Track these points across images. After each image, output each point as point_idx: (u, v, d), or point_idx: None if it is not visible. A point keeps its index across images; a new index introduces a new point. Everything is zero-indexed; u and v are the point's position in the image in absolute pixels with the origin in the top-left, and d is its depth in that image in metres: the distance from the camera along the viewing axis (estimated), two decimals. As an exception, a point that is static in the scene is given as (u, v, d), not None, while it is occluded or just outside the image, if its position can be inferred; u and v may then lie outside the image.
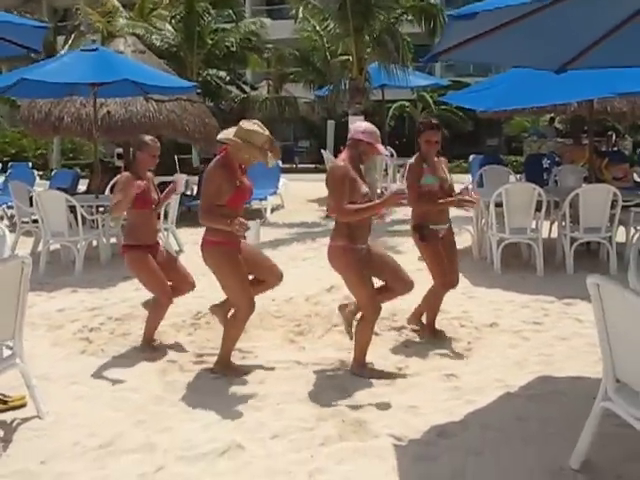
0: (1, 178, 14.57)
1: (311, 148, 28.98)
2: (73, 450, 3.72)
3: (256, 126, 4.61)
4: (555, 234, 8.37)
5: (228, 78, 23.44)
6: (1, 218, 12.65)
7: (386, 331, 5.66)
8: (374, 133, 4.60)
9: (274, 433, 3.88)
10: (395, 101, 25.60)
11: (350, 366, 4.79)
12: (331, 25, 13.78)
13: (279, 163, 14.04)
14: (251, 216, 4.85)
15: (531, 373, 4.74)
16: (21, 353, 4.03)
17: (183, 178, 5.62)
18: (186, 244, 9.19)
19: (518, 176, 12.32)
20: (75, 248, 8.28)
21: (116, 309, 6.57)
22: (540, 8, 3.55)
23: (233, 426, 3.99)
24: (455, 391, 4.48)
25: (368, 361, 4.80)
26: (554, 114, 19.85)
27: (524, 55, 4.65)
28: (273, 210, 13.30)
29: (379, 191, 13.39)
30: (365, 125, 4.68)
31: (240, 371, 4.83)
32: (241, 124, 4.62)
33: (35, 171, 15.00)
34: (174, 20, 19.51)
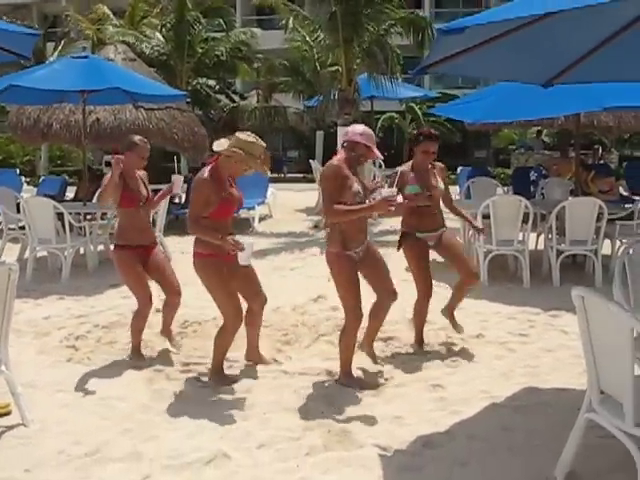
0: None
1: (300, 158, 28.98)
2: (58, 458, 3.70)
3: (252, 137, 4.63)
4: (542, 246, 8.43)
5: (217, 87, 23.50)
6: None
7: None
8: (371, 136, 4.59)
9: (260, 442, 3.88)
10: (384, 112, 25.69)
11: (337, 376, 4.79)
12: (321, 36, 13.88)
13: (268, 172, 14.03)
14: (239, 230, 4.77)
15: (517, 384, 4.76)
16: (6, 360, 4.03)
17: (180, 179, 5.55)
18: (174, 252, 9.16)
19: (505, 188, 12.39)
20: (62, 255, 8.24)
21: (103, 317, 6.54)
22: (527, 23, 3.60)
23: (219, 435, 3.98)
24: (441, 402, 4.48)
25: (354, 371, 4.80)
26: (541, 127, 20.04)
27: (512, 69, 4.70)
28: (261, 220, 13.29)
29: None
30: (363, 128, 4.64)
31: (228, 380, 4.83)
32: (238, 135, 4.61)
33: (22, 177, 14.96)
34: (164, 28, 19.60)
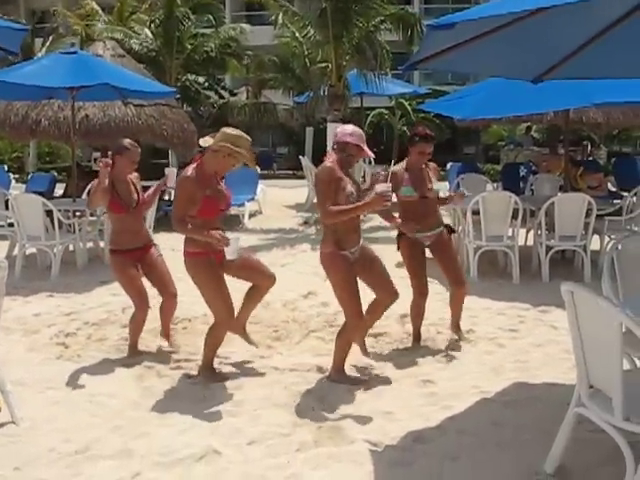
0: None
1: (289, 154, 28.96)
2: (49, 456, 3.69)
3: (238, 131, 4.62)
4: (531, 242, 8.45)
5: (207, 83, 23.42)
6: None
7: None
8: (361, 136, 4.58)
9: (251, 439, 3.88)
10: (374, 108, 25.71)
11: (328, 372, 4.79)
12: (311, 32, 13.86)
13: (257, 169, 14.02)
14: (229, 227, 4.74)
15: (507, 379, 4.78)
16: (-4, 358, 4.01)
17: (174, 172, 5.49)
18: (164, 249, 9.04)
19: (495, 184, 12.43)
20: (51, 252, 8.21)
21: (93, 314, 6.52)
22: (518, 19, 3.61)
23: (210, 431, 3.98)
24: (431, 397, 4.50)
25: (345, 367, 4.80)
26: (531, 123, 20.08)
27: (501, 65, 4.71)
28: (251, 216, 13.28)
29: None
30: (352, 128, 4.63)
31: (218, 377, 4.82)
32: (224, 130, 4.60)
33: (11, 174, 14.86)
34: (153, 24, 19.49)
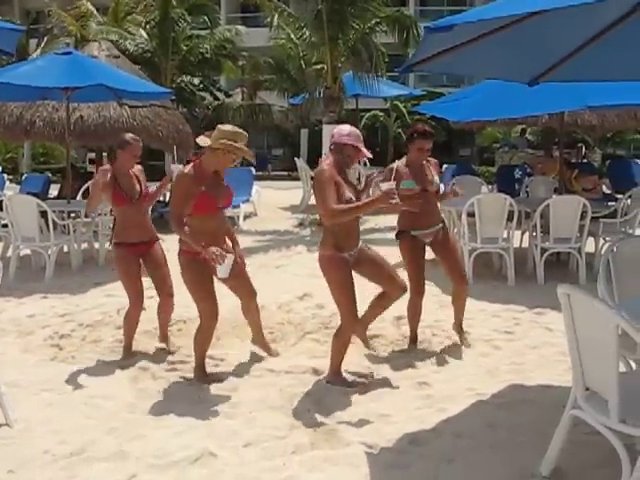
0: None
1: (284, 156, 28.93)
2: (43, 458, 3.67)
3: (233, 127, 4.67)
4: (526, 244, 8.47)
5: (202, 85, 23.39)
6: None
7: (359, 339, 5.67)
8: (358, 136, 4.54)
9: (246, 441, 3.88)
10: (369, 110, 25.73)
11: (325, 374, 4.78)
12: (306, 34, 13.84)
13: (252, 170, 14.01)
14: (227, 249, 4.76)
15: (502, 381, 4.78)
16: (-10, 359, 3.99)
17: (177, 169, 5.49)
18: (158, 250, 9.13)
19: (490, 186, 12.44)
20: (46, 254, 8.19)
21: (87, 315, 6.50)
22: (515, 21, 3.61)
23: (205, 434, 3.97)
24: (427, 399, 4.50)
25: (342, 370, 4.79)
26: (525, 126, 20.13)
27: (498, 67, 4.71)
28: (246, 218, 13.25)
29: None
30: (349, 128, 4.59)
31: (213, 379, 4.81)
32: (220, 127, 4.62)
33: (5, 175, 14.79)
34: (148, 25, 19.45)
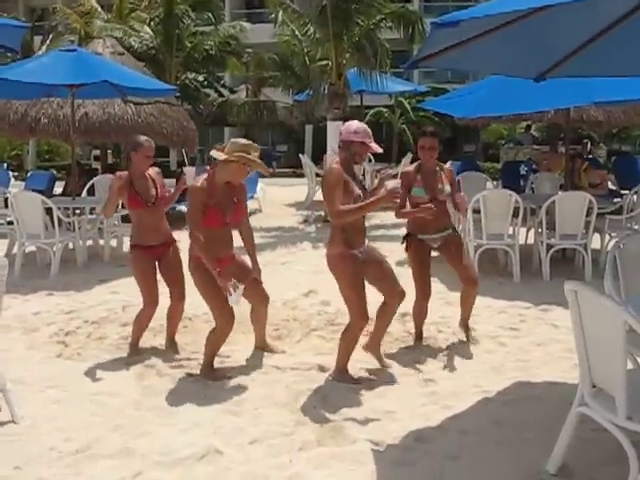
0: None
1: (289, 153, 28.94)
2: (49, 455, 3.68)
3: (246, 140, 4.74)
4: (532, 240, 8.45)
5: (206, 82, 23.39)
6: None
7: (364, 337, 5.65)
8: (365, 131, 4.52)
9: (253, 438, 3.88)
10: (373, 107, 25.68)
11: (331, 371, 4.78)
12: (311, 30, 13.79)
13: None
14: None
15: (508, 378, 4.78)
16: (-4, 356, 4.00)
17: (192, 171, 5.51)
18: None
19: (495, 183, 12.40)
20: (51, 250, 8.20)
21: (92, 312, 6.51)
22: (521, 17, 3.59)
23: (211, 431, 3.97)
24: (432, 396, 4.49)
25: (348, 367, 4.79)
26: (530, 122, 20.08)
27: (504, 63, 4.69)
28: (251, 214, 13.16)
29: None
30: (356, 125, 4.57)
31: (219, 375, 4.82)
32: (233, 141, 4.69)
33: (10, 172, 14.83)
34: (153, 22, 19.46)
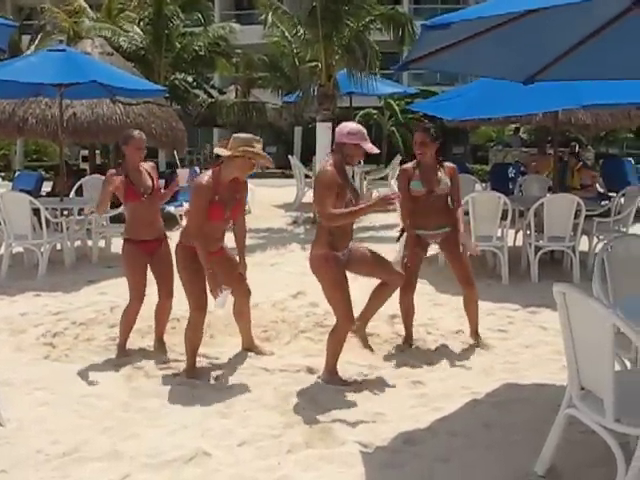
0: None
1: (278, 154, 28.84)
2: (36, 458, 3.65)
3: (248, 134, 4.74)
4: (520, 242, 8.48)
5: (195, 82, 23.35)
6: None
7: (353, 338, 5.65)
8: (359, 133, 4.49)
9: (241, 440, 3.86)
10: (363, 108, 25.69)
11: (320, 373, 4.77)
12: (300, 31, 13.78)
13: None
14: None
15: (497, 380, 4.78)
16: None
17: (186, 172, 5.53)
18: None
19: (484, 185, 12.44)
20: (39, 251, 8.15)
21: (80, 314, 6.47)
22: (511, 20, 3.60)
23: (200, 433, 3.96)
24: (422, 398, 4.49)
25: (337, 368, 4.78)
26: (519, 124, 20.18)
27: (494, 66, 4.70)
28: (240, 215, 13.23)
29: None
30: (350, 126, 4.55)
31: (203, 374, 4.82)
32: (236, 136, 4.69)
33: (-3, 172, 14.76)
34: (142, 22, 19.42)
